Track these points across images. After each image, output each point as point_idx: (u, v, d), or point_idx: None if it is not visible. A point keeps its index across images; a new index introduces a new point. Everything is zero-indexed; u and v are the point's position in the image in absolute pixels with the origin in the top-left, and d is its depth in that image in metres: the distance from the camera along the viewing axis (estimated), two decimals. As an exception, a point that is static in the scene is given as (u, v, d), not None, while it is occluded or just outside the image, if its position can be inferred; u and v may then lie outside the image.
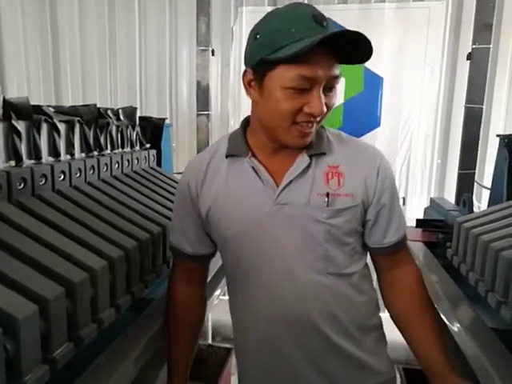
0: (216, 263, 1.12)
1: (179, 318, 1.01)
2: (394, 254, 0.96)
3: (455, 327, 1.09)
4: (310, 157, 0.88)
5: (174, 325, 1.02)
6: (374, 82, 2.62)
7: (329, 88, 0.80)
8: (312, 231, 0.87)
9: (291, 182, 0.87)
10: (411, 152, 2.69)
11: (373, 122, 2.67)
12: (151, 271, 1.06)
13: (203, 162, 0.94)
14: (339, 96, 2.65)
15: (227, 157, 0.91)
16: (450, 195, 2.54)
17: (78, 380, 0.76)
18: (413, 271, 0.97)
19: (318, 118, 0.82)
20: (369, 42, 0.76)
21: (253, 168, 0.88)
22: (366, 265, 0.98)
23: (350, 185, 0.88)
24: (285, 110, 0.79)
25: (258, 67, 0.81)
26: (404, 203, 2.74)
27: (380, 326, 1.00)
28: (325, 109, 0.80)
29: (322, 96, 0.78)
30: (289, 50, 0.74)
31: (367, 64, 2.60)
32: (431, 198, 2.03)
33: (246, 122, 0.95)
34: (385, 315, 0.99)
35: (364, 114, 2.66)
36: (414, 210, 2.68)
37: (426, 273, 1.32)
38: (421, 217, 1.93)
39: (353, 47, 0.76)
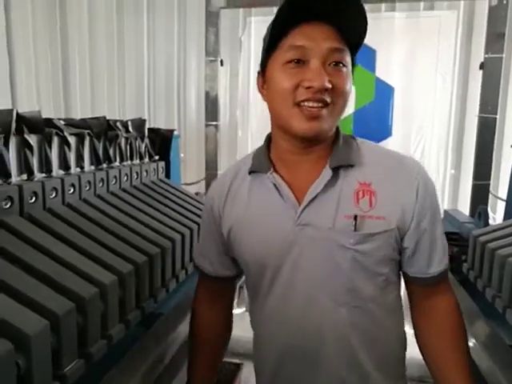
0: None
1: (202, 339, 0.98)
2: (433, 284, 0.84)
3: (471, 343, 1.06)
4: (336, 169, 0.78)
5: (195, 346, 0.99)
6: (385, 92, 2.61)
7: (335, 66, 0.74)
8: (337, 258, 0.76)
9: (314, 198, 0.77)
10: (424, 162, 2.66)
11: (384, 132, 2.64)
12: (161, 286, 1.05)
13: (226, 180, 0.89)
14: (349, 105, 2.64)
15: (250, 173, 0.85)
16: (464, 207, 2.50)
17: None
18: (450, 301, 0.85)
19: (327, 98, 0.72)
20: (359, 7, 0.72)
21: (274, 184, 0.80)
22: (399, 297, 0.85)
23: (383, 206, 0.76)
24: (285, 89, 0.74)
25: (263, 62, 0.80)
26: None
27: (405, 374, 0.90)
28: (326, 83, 0.71)
29: (322, 70, 0.72)
30: (275, 28, 0.74)
31: (378, 74, 2.59)
32: (445, 210, 2.00)
33: (269, 138, 0.88)
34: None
35: (375, 124, 2.63)
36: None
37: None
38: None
39: (348, 16, 0.72)
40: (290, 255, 0.79)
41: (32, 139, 0.92)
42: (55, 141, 1.01)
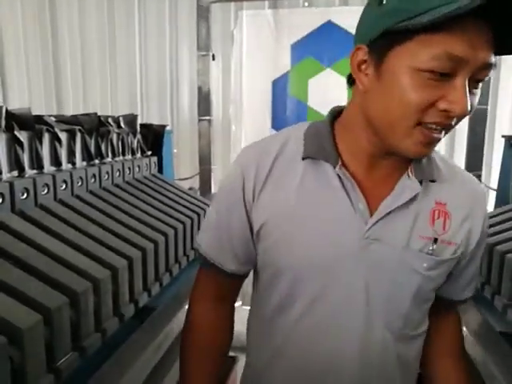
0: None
1: (202, 346, 0.79)
2: (451, 305, 0.79)
3: (462, 331, 1.08)
4: (420, 182, 0.66)
5: (194, 354, 0.79)
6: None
7: (476, 82, 0.57)
8: (404, 282, 0.66)
9: (390, 212, 0.65)
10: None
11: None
12: (154, 280, 1.05)
13: (269, 156, 0.69)
14: (342, 99, 2.65)
15: (304, 159, 0.68)
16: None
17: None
18: (456, 320, 0.82)
19: (453, 122, 0.58)
20: None
21: (341, 182, 0.65)
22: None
23: (455, 230, 0.68)
24: (413, 102, 0.56)
25: (379, 42, 0.58)
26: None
27: None
28: (469, 108, 0.56)
29: (467, 92, 0.55)
30: (439, 13, 0.50)
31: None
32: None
33: (335, 116, 0.71)
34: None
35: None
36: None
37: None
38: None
39: None
40: (348, 273, 0.66)
41: (22, 136, 0.92)
42: (46, 137, 1.01)
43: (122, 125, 1.37)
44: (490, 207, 2.19)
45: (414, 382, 0.77)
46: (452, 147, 2.63)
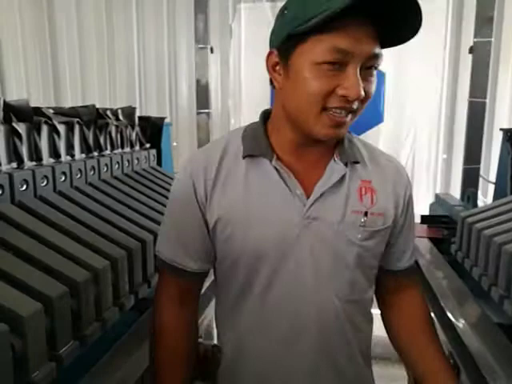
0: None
1: (172, 348, 0.83)
2: (401, 278, 0.87)
3: (460, 323, 1.09)
4: (345, 165, 0.76)
5: (165, 358, 0.84)
6: (377, 78, 2.60)
7: (367, 70, 0.68)
8: (343, 254, 0.76)
9: (324, 193, 0.75)
10: (416, 147, 2.68)
11: (375, 118, 2.65)
12: (154, 271, 1.06)
13: (214, 159, 0.78)
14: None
15: (245, 157, 0.77)
16: (456, 190, 2.53)
17: (83, 378, 0.78)
18: (416, 294, 0.89)
19: (355, 106, 0.68)
20: (417, 8, 0.63)
21: (279, 173, 0.75)
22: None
23: (382, 203, 0.78)
24: (315, 91, 0.67)
25: (285, 45, 0.69)
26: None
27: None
28: (362, 93, 0.66)
29: (359, 78, 0.66)
30: (321, 16, 0.62)
31: (368, 59, 2.58)
32: (436, 194, 2.03)
33: (266, 116, 0.81)
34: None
35: (366, 110, 2.61)
36: (419, 206, 2.67)
37: (432, 269, 1.32)
38: (426, 213, 1.93)
39: (396, 19, 0.64)
40: (296, 249, 0.75)
41: (21, 128, 0.92)
42: (44, 129, 1.01)
43: (121, 117, 1.37)
44: (489, 199, 2.21)
45: (367, 343, 0.86)
46: (451, 141, 2.64)
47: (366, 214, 0.75)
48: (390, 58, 2.59)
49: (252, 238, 0.75)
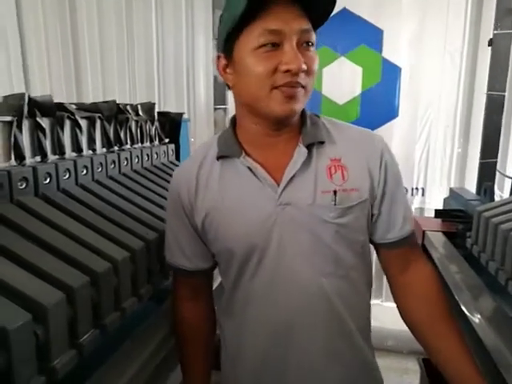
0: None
1: (190, 338, 0.96)
2: (403, 254, 0.88)
3: (476, 318, 1.08)
4: (309, 147, 0.81)
5: (186, 348, 0.96)
6: (392, 72, 2.58)
7: (304, 44, 0.75)
8: (320, 233, 0.80)
9: (293, 178, 0.79)
10: (430, 141, 2.64)
11: (391, 113, 2.62)
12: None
13: (193, 168, 0.86)
14: (356, 87, 2.62)
15: (218, 159, 0.84)
16: (471, 185, 2.49)
17: (102, 367, 0.80)
18: (428, 275, 0.89)
19: (302, 80, 0.74)
20: None
21: (248, 168, 0.81)
22: (371, 264, 0.91)
23: (355, 178, 0.81)
24: (261, 74, 0.73)
25: (227, 45, 0.77)
26: (423, 194, 2.70)
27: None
28: (303, 65, 0.72)
29: (298, 52, 0.72)
30: (243, 4, 0.69)
31: (385, 54, 2.56)
32: (451, 188, 2.00)
33: (235, 121, 0.88)
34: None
35: (381, 105, 2.61)
36: (433, 201, 2.64)
37: (446, 263, 1.31)
38: (440, 207, 1.91)
39: None
40: (275, 235, 0.80)
41: (44, 122, 0.95)
42: (67, 124, 1.04)
43: (141, 112, 1.40)
44: (505, 194, 2.17)
45: (365, 322, 0.90)
46: (467, 135, 2.59)
47: (335, 192, 0.79)
48: (407, 53, 2.56)
49: (237, 229, 0.81)
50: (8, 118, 0.85)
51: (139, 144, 1.38)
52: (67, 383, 0.67)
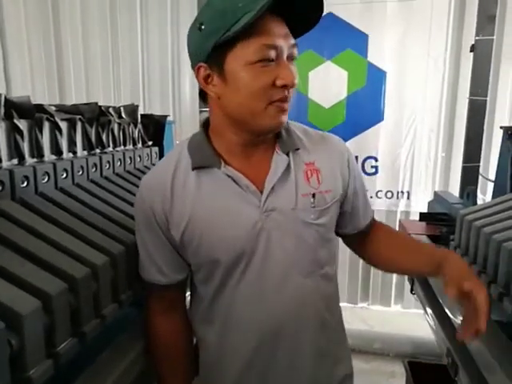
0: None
1: (165, 354, 0.93)
2: (368, 230, 1.00)
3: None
4: (287, 154, 0.83)
5: (161, 363, 0.94)
6: (377, 77, 2.61)
7: (291, 59, 0.77)
8: (303, 235, 0.83)
9: (274, 184, 0.81)
10: (415, 145, 2.68)
11: (376, 116, 2.65)
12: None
13: (166, 178, 0.83)
14: (342, 91, 2.64)
15: (194, 169, 0.82)
16: (455, 188, 2.53)
17: (81, 376, 0.78)
18: (379, 224, 1.03)
19: (291, 93, 0.77)
20: (319, 4, 0.75)
21: (230, 177, 0.80)
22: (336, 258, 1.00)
23: (328, 180, 0.86)
24: (258, 89, 0.73)
25: (213, 56, 0.75)
26: (409, 197, 2.73)
27: None
28: (296, 79, 0.75)
29: (289, 66, 0.75)
30: (246, 20, 0.68)
31: (370, 58, 2.58)
32: (435, 192, 2.03)
33: (207, 125, 0.87)
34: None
35: (367, 109, 2.64)
36: (418, 204, 2.67)
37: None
38: (425, 210, 1.93)
39: (301, 11, 0.74)
40: (262, 240, 0.81)
41: (22, 124, 0.92)
42: (46, 126, 1.02)
43: (123, 115, 1.37)
44: (488, 198, 2.21)
45: (338, 314, 0.96)
46: (451, 139, 2.63)
47: (314, 195, 0.83)
48: (392, 57, 2.59)
49: (222, 239, 0.81)
50: (-18, 120, 0.83)
51: (122, 147, 1.36)
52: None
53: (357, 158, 2.63)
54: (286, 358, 0.86)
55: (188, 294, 0.99)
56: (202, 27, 0.74)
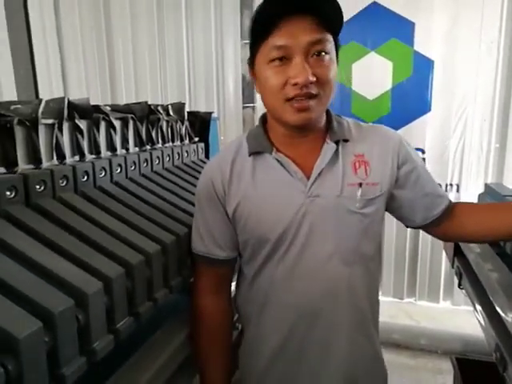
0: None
1: (211, 334, 0.98)
2: (446, 217, 0.96)
3: (508, 316, 1.06)
4: (336, 143, 0.87)
5: (206, 344, 0.98)
6: (424, 66, 2.52)
7: (317, 56, 0.78)
8: (346, 222, 0.86)
9: (322, 172, 0.86)
10: (465, 137, 2.57)
11: (423, 107, 2.57)
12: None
13: (226, 162, 0.92)
14: (386, 82, 2.58)
15: (250, 155, 0.90)
16: (510, 181, 2.41)
17: (135, 353, 0.86)
18: (458, 204, 0.99)
19: (313, 91, 0.78)
20: None
21: (280, 163, 0.87)
22: (382, 257, 1.00)
23: (376, 173, 0.88)
24: (273, 86, 0.80)
25: (251, 59, 0.86)
26: (458, 190, 2.64)
27: None
28: (311, 77, 0.76)
29: (306, 64, 0.77)
30: (261, 26, 0.78)
31: (416, 47, 2.51)
32: (486, 184, 1.94)
33: (265, 119, 0.95)
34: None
35: (413, 100, 2.56)
36: (468, 197, 2.56)
37: (480, 262, 1.28)
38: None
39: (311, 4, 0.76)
40: (304, 225, 0.86)
41: (82, 124, 1.01)
42: (102, 125, 1.10)
43: (171, 113, 1.44)
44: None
45: (376, 311, 0.97)
46: (506, 129, 2.49)
47: (360, 185, 0.86)
48: (440, 45, 2.49)
49: (268, 220, 0.87)
50: (50, 121, 0.91)
51: (170, 143, 1.43)
52: (104, 365, 0.72)
53: (403, 150, 2.56)
54: (322, 334, 0.91)
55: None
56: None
